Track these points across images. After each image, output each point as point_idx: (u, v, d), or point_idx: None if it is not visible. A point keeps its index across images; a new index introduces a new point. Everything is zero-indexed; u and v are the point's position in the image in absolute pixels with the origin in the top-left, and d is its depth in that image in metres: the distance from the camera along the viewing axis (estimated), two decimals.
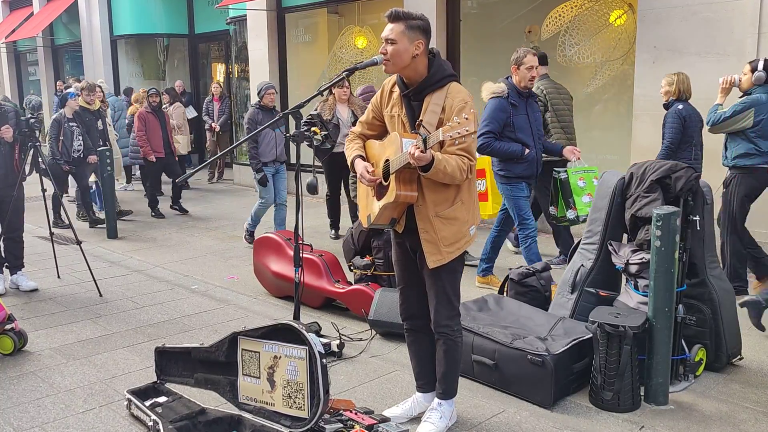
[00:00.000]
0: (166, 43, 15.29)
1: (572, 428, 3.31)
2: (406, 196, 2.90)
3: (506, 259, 6.39)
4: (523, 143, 5.03)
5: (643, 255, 3.80)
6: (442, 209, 2.95)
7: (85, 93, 8.51)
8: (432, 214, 2.94)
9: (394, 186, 2.89)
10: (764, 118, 4.86)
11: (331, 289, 4.96)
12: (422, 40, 2.90)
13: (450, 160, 2.82)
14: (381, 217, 3.02)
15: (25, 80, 19.63)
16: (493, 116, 4.98)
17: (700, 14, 6.04)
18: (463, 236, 3.01)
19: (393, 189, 2.89)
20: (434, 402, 3.25)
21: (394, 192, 2.89)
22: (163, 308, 5.22)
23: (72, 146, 8.10)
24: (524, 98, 5.11)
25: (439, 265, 2.98)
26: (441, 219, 2.95)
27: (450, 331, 3.11)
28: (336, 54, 10.42)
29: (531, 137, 5.08)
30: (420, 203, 2.95)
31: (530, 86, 5.13)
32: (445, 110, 2.88)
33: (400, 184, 2.89)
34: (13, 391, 3.77)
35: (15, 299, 5.44)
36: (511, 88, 5.05)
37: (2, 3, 19.18)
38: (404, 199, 2.91)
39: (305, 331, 3.01)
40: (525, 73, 5.02)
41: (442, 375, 3.20)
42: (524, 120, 5.08)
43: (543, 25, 7.89)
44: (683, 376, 3.75)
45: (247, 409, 3.19)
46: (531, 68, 5.00)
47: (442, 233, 2.95)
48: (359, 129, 3.25)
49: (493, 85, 5.08)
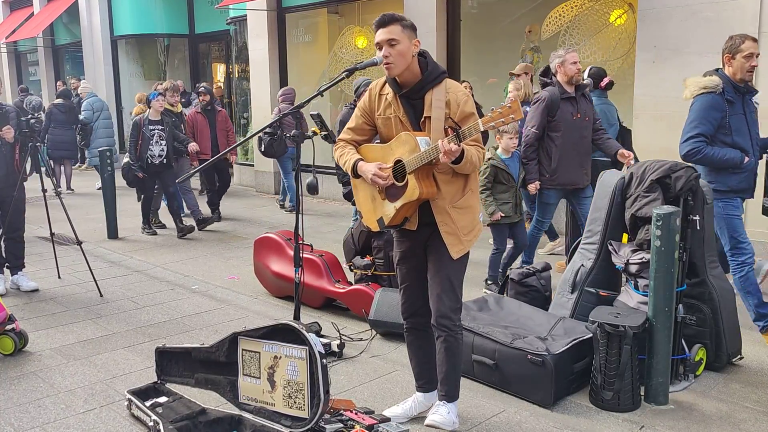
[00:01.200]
0: (166, 43, 15.30)
1: (572, 428, 3.31)
2: (429, 192, 2.97)
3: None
4: (741, 149, 4.25)
5: (643, 255, 3.80)
6: (456, 200, 3.04)
7: (169, 94, 8.06)
8: (449, 206, 3.03)
9: (415, 184, 2.93)
10: (598, 120, 5.42)
11: (332, 289, 4.97)
12: (417, 39, 3.00)
13: (471, 150, 2.93)
14: (396, 218, 3.06)
15: (26, 80, 19.62)
16: (705, 116, 4.19)
17: (700, 14, 6.04)
18: (476, 224, 3.13)
19: (414, 187, 2.94)
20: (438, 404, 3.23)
21: (416, 190, 2.93)
22: (163, 308, 5.22)
23: (150, 151, 7.54)
24: (741, 94, 4.30)
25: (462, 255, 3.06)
26: (457, 209, 3.04)
27: (452, 326, 3.10)
28: (336, 54, 10.43)
29: (749, 141, 4.31)
30: (437, 197, 3.01)
31: (748, 79, 4.29)
32: (449, 105, 2.95)
33: (420, 182, 2.94)
34: (13, 392, 3.77)
35: (16, 299, 5.45)
36: (726, 82, 4.25)
37: (3, 3, 19.19)
38: (427, 195, 2.97)
39: (305, 331, 3.01)
40: (742, 62, 4.20)
41: (444, 375, 3.17)
42: (741, 120, 4.28)
43: (543, 25, 7.90)
44: (683, 376, 3.75)
45: (248, 409, 3.19)
46: (750, 56, 4.20)
47: (461, 223, 3.04)
48: (348, 136, 3.24)
49: (702, 79, 4.30)
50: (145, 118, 7.57)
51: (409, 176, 2.95)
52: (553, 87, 5.21)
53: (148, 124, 7.57)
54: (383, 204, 3.09)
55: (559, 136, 5.17)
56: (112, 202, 7.75)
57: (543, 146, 5.24)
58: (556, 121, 5.16)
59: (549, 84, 5.29)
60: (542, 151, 5.24)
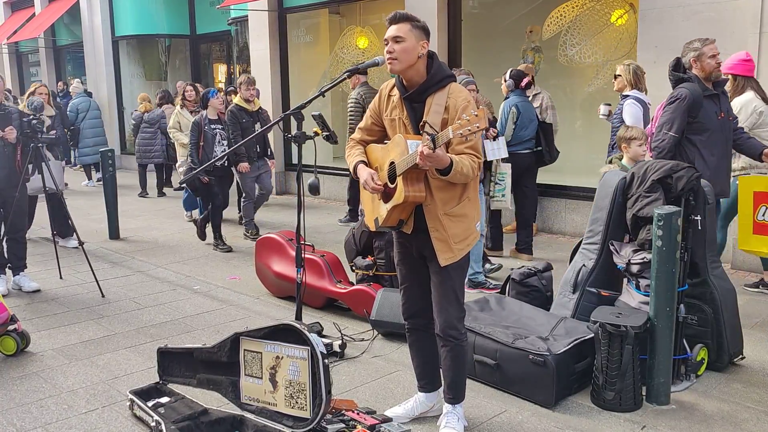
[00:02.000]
0: (167, 43, 15.31)
1: (574, 428, 3.31)
2: (415, 196, 2.93)
3: (507, 260, 6.40)
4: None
5: (645, 255, 3.80)
6: (450, 207, 2.99)
7: (244, 87, 7.16)
8: (441, 213, 2.97)
9: (402, 187, 2.92)
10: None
11: (333, 290, 4.97)
12: (426, 41, 2.98)
13: (464, 160, 2.87)
14: (389, 219, 3.04)
15: (27, 81, 19.64)
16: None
17: (701, 14, 6.04)
18: (471, 233, 3.06)
19: (401, 190, 2.92)
20: (446, 407, 3.23)
21: (402, 193, 2.91)
22: (165, 309, 5.23)
23: (214, 153, 6.85)
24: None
25: (451, 263, 3.01)
26: (450, 217, 2.98)
27: (459, 335, 3.10)
28: (337, 54, 10.44)
29: None
30: (429, 203, 2.98)
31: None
32: (448, 110, 2.92)
33: (408, 185, 2.92)
34: (15, 392, 3.78)
35: (17, 300, 5.46)
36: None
37: (4, 4, 19.21)
38: (413, 199, 2.94)
39: (307, 332, 3.01)
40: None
41: (451, 380, 3.18)
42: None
43: (544, 25, 7.90)
44: (685, 376, 3.75)
45: (250, 410, 3.19)
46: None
47: (452, 231, 2.98)
48: (358, 135, 3.28)
49: None
50: (205, 118, 6.96)
51: (398, 179, 2.94)
52: (692, 83, 4.46)
53: (209, 123, 6.94)
54: (379, 204, 3.11)
55: (704, 140, 4.44)
56: (113, 203, 7.76)
57: (681, 152, 4.47)
58: (699, 122, 4.42)
59: (685, 80, 4.50)
60: (680, 159, 4.39)
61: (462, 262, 3.08)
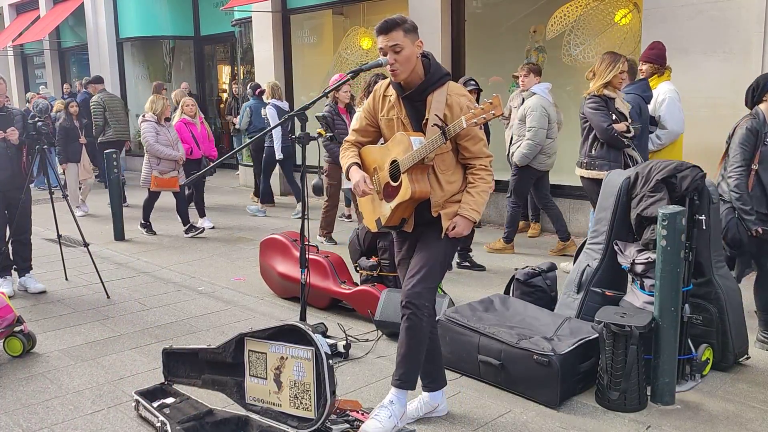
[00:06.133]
0: (171, 45, 15.35)
1: (579, 428, 3.31)
2: (422, 191, 2.98)
3: (511, 260, 6.39)
4: None
5: (649, 254, 3.80)
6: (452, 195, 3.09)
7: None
8: (443, 201, 3.06)
9: (408, 183, 2.96)
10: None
11: (337, 290, 4.97)
12: (419, 39, 3.01)
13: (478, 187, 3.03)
14: (393, 218, 3.08)
15: (32, 83, 19.73)
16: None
17: (705, 13, 6.03)
18: None
19: (407, 186, 2.96)
20: (387, 396, 3.15)
21: (409, 189, 2.96)
22: (170, 310, 5.24)
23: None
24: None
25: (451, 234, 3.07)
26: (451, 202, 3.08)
27: (420, 305, 3.00)
28: (341, 55, 10.44)
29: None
30: (432, 196, 3.04)
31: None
32: (452, 108, 2.97)
33: (413, 182, 2.96)
34: (22, 393, 3.80)
35: (23, 301, 5.48)
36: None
37: (9, 7, 19.30)
38: (419, 194, 2.98)
39: (311, 332, 3.02)
40: None
41: (401, 357, 3.08)
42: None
43: (548, 25, 7.89)
44: (690, 376, 3.74)
45: (254, 410, 3.20)
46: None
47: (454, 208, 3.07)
48: (353, 137, 3.30)
49: None
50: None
51: (403, 176, 2.98)
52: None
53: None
54: (381, 204, 3.13)
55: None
56: (118, 204, 7.78)
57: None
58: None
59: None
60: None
61: (456, 241, 3.13)
